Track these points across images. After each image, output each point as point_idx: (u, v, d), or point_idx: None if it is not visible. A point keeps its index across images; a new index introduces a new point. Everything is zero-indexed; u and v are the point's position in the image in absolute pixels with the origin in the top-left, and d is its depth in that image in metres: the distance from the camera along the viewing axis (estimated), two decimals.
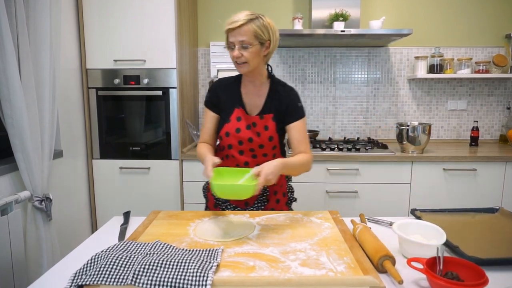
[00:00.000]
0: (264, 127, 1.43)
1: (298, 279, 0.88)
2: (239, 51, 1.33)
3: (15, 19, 1.66)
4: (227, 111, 1.46)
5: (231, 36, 1.33)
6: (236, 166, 1.47)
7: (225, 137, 1.45)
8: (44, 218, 1.84)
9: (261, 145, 1.44)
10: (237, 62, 1.36)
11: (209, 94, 1.52)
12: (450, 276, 0.87)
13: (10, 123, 1.68)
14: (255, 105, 1.46)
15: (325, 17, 2.67)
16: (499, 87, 2.93)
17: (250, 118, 1.44)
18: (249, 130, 1.43)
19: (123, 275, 0.89)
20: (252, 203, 1.52)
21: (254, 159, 1.46)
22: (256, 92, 1.47)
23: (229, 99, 1.47)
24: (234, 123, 1.43)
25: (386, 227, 1.30)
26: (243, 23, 1.31)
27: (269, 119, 1.43)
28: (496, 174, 2.37)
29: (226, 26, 1.33)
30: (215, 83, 1.53)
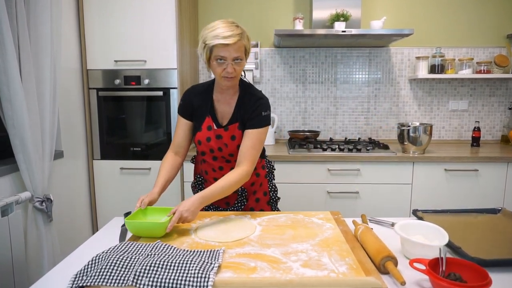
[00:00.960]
0: (231, 137, 1.43)
1: (300, 280, 0.88)
2: (233, 67, 1.31)
3: (15, 20, 1.66)
4: (199, 119, 1.47)
5: (224, 51, 1.27)
6: (212, 170, 1.51)
7: (197, 145, 1.48)
8: (44, 219, 1.84)
9: (231, 154, 1.45)
10: (228, 77, 1.33)
11: (182, 102, 1.50)
12: (453, 277, 0.86)
13: (11, 124, 1.68)
14: (226, 112, 1.46)
15: (326, 17, 2.66)
16: (501, 87, 2.92)
17: (217, 130, 1.43)
18: (219, 140, 1.43)
19: (124, 276, 0.88)
20: (232, 203, 1.55)
21: (228, 164, 1.48)
22: (227, 100, 1.46)
23: (201, 106, 1.46)
24: (204, 132, 1.44)
25: (387, 228, 1.29)
26: (238, 38, 1.28)
27: (235, 129, 1.42)
28: (498, 174, 2.37)
29: (214, 40, 1.26)
30: (188, 90, 1.52)
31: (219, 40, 1.25)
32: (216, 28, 1.27)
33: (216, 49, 1.28)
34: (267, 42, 2.92)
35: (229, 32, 1.26)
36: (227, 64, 1.30)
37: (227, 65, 1.30)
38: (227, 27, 1.27)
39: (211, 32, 1.27)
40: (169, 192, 2.49)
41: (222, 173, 1.46)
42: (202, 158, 1.53)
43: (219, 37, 1.25)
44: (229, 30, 1.26)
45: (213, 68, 1.34)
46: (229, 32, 1.26)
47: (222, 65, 1.31)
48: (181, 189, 2.47)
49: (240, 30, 1.30)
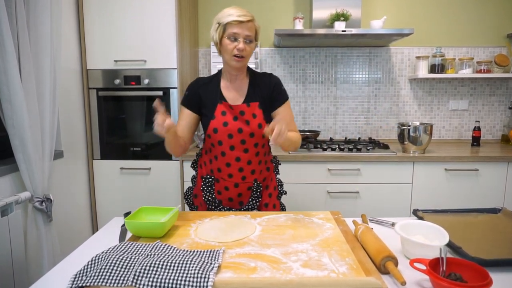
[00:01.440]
0: (252, 115, 1.45)
1: (300, 280, 0.87)
2: (244, 45, 1.37)
3: (15, 20, 1.66)
4: (209, 108, 1.47)
5: (237, 28, 1.35)
6: (226, 164, 1.48)
7: (213, 134, 1.45)
8: (44, 219, 1.84)
9: (252, 134, 1.45)
10: (238, 55, 1.38)
11: (188, 93, 1.51)
12: (454, 277, 0.86)
13: (11, 124, 1.67)
14: (236, 98, 1.48)
15: (326, 17, 2.66)
16: (501, 87, 2.92)
17: (237, 108, 1.44)
18: (237, 121, 1.44)
19: (123, 277, 0.88)
20: (246, 201, 1.53)
21: (246, 154, 1.47)
22: (235, 86, 1.49)
23: (210, 96, 1.48)
24: (220, 118, 1.44)
25: (388, 228, 1.29)
26: (251, 19, 1.38)
27: (255, 107, 1.46)
28: (498, 174, 2.36)
29: (230, 18, 1.35)
30: (193, 82, 1.53)
31: (233, 18, 1.35)
32: (231, 9, 1.38)
33: (229, 26, 1.36)
34: (267, 41, 2.92)
35: (243, 12, 1.37)
36: (239, 41, 1.36)
37: (239, 42, 1.36)
38: (241, 9, 1.38)
39: (225, 13, 1.37)
40: (169, 192, 2.50)
41: (239, 165, 1.47)
42: (215, 153, 1.48)
43: (233, 15, 1.35)
44: (243, 11, 1.37)
45: (224, 47, 1.39)
46: (243, 12, 1.37)
47: (234, 42, 1.37)
48: (181, 189, 2.47)
49: (252, 14, 1.40)
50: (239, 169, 1.48)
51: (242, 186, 1.50)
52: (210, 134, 1.46)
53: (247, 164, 1.48)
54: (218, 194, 1.54)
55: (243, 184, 1.50)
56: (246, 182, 1.51)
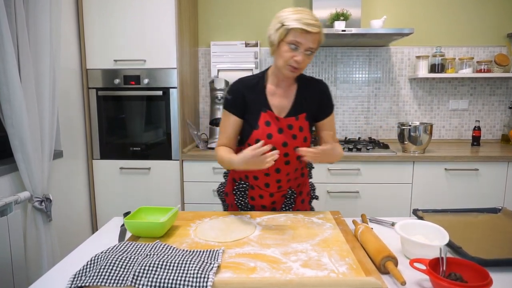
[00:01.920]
0: (299, 128, 1.35)
1: (300, 280, 0.87)
2: (304, 57, 1.24)
3: (14, 19, 1.65)
4: (253, 116, 1.34)
5: (302, 37, 1.21)
6: (265, 174, 1.38)
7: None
8: (44, 219, 1.84)
9: (296, 147, 1.32)
10: (295, 66, 1.25)
11: (232, 97, 1.36)
12: (454, 277, 0.86)
13: (10, 124, 1.67)
14: (282, 106, 1.36)
15: (326, 17, 2.66)
16: (501, 87, 2.91)
17: (284, 121, 1.33)
18: (282, 134, 1.33)
19: (123, 276, 0.88)
20: (279, 208, 1.47)
21: (287, 165, 1.37)
22: (283, 93, 1.37)
23: (255, 101, 1.34)
24: (263, 129, 1.32)
25: (388, 228, 1.29)
26: (318, 31, 1.23)
27: (303, 119, 1.35)
28: (498, 174, 2.36)
29: (297, 24, 1.19)
30: (238, 84, 1.38)
31: (301, 25, 1.19)
32: (299, 12, 1.22)
33: (293, 32, 1.21)
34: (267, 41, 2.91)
35: (312, 21, 1.21)
36: (300, 52, 1.23)
37: (299, 53, 1.23)
38: (311, 16, 1.22)
39: (293, 15, 1.22)
40: (168, 192, 2.49)
41: (278, 176, 1.38)
42: None
43: (302, 22, 1.20)
44: (312, 19, 1.21)
45: (281, 53, 1.26)
46: (312, 21, 1.21)
47: (293, 51, 1.24)
48: (181, 189, 2.47)
49: (321, 24, 1.25)
50: (277, 180, 1.40)
51: (277, 195, 1.44)
52: (250, 144, 1.30)
53: (285, 175, 1.40)
54: (252, 200, 1.46)
55: (277, 193, 1.43)
56: (281, 190, 1.43)
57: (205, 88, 2.98)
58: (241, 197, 1.47)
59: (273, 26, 1.27)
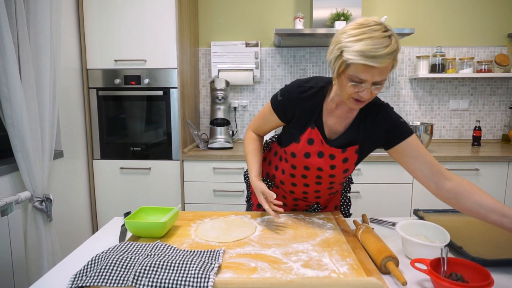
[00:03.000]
0: (343, 159, 1.18)
1: (301, 280, 0.87)
2: (370, 92, 1.01)
3: (15, 19, 1.65)
4: (298, 126, 1.20)
5: (365, 74, 0.97)
6: (292, 184, 1.30)
7: (290, 157, 1.23)
8: (44, 219, 1.84)
9: (332, 175, 1.21)
10: (360, 100, 1.04)
11: (283, 100, 1.20)
12: (455, 277, 0.86)
13: (10, 123, 1.67)
14: (337, 128, 1.18)
15: (327, 17, 2.66)
16: (501, 87, 2.91)
17: (328, 149, 1.17)
18: (321, 158, 1.18)
19: (123, 277, 0.88)
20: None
21: (317, 186, 1.26)
22: (342, 114, 1.16)
23: (305, 113, 1.18)
24: (304, 146, 1.18)
25: (388, 228, 1.29)
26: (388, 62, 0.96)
27: (352, 152, 1.17)
28: (499, 174, 2.36)
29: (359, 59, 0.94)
30: (294, 90, 1.18)
31: (364, 61, 0.94)
32: (364, 39, 0.94)
33: (354, 67, 0.97)
34: (268, 41, 2.92)
35: (381, 50, 0.93)
36: (365, 87, 1.00)
37: (364, 88, 1.00)
38: (380, 40, 0.94)
39: (355, 43, 0.95)
40: (169, 192, 2.49)
41: (305, 189, 1.28)
42: (283, 166, 1.29)
43: (366, 56, 0.94)
44: (381, 47, 0.93)
45: (342, 85, 1.04)
46: (381, 50, 0.93)
47: (356, 87, 1.00)
48: (182, 189, 2.47)
49: (395, 46, 0.97)
50: (303, 192, 1.31)
51: (301, 203, 1.38)
52: (286, 151, 1.24)
53: (313, 192, 1.30)
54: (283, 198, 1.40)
55: (302, 201, 1.37)
56: (307, 201, 1.37)
57: (205, 88, 2.98)
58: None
59: (332, 51, 1.03)
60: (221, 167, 2.42)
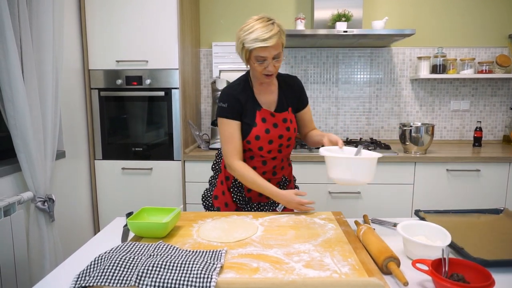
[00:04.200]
0: (290, 120, 1.50)
1: (303, 280, 0.87)
2: (273, 65, 1.36)
3: (18, 20, 1.66)
4: (249, 116, 1.45)
5: (264, 52, 1.32)
6: (262, 162, 1.51)
7: (254, 141, 1.45)
8: (46, 219, 1.84)
9: (289, 138, 1.50)
10: (268, 74, 1.38)
11: (229, 104, 1.43)
12: (456, 278, 0.86)
13: (13, 124, 1.68)
14: (269, 102, 1.50)
15: (328, 18, 2.66)
16: (502, 87, 2.91)
17: (279, 116, 1.47)
18: (277, 128, 1.46)
19: (126, 277, 0.88)
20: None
21: (280, 154, 1.52)
22: (268, 89, 1.50)
23: (247, 103, 1.45)
24: (261, 126, 1.44)
25: (389, 228, 1.29)
26: (276, 39, 1.31)
27: (291, 112, 1.52)
28: (500, 174, 2.36)
29: (254, 44, 1.30)
30: (228, 91, 1.47)
31: (259, 44, 1.29)
32: (254, 30, 1.29)
33: (255, 51, 1.32)
34: None
35: (267, 34, 1.29)
36: (268, 63, 1.34)
37: (268, 64, 1.34)
38: (265, 28, 1.29)
39: (249, 35, 1.30)
40: (170, 192, 2.50)
41: (274, 163, 1.52)
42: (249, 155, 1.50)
43: (258, 40, 1.29)
44: (267, 31, 1.29)
45: (253, 67, 1.39)
46: (267, 34, 1.29)
47: (262, 64, 1.35)
48: (183, 189, 2.47)
49: (277, 29, 1.31)
50: (273, 167, 1.53)
51: (272, 182, 1.52)
52: (250, 141, 1.45)
53: (280, 162, 1.54)
54: (248, 192, 1.54)
55: (273, 179, 1.54)
56: (276, 177, 1.56)
57: (206, 88, 2.99)
58: (239, 192, 1.55)
59: (237, 46, 1.38)
60: None
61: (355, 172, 1.19)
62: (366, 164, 1.21)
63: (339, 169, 1.21)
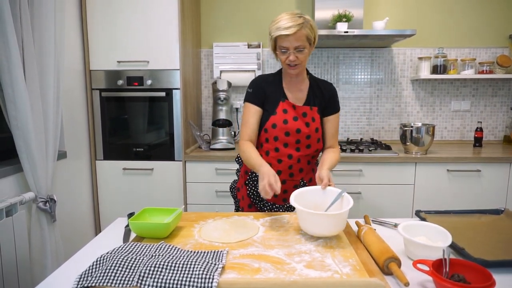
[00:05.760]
0: (312, 118, 1.50)
1: (304, 281, 0.88)
2: (295, 55, 1.39)
3: (19, 21, 1.66)
4: (271, 105, 1.49)
5: (286, 41, 1.37)
6: (277, 161, 1.50)
7: (271, 129, 1.48)
8: (48, 219, 1.85)
9: (308, 136, 1.48)
10: (291, 64, 1.42)
11: (253, 90, 1.52)
12: (457, 278, 0.87)
13: (15, 125, 1.68)
14: (297, 98, 1.52)
15: (328, 18, 2.66)
16: (503, 88, 2.91)
17: (300, 109, 1.48)
18: (296, 121, 1.47)
19: (128, 277, 0.89)
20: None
21: (298, 152, 1.50)
22: (297, 86, 1.53)
23: (273, 93, 1.50)
24: (280, 115, 1.47)
25: (390, 229, 1.29)
26: (298, 29, 1.35)
27: (315, 111, 1.51)
28: (501, 175, 2.36)
29: (276, 32, 1.37)
30: (258, 79, 1.55)
31: (280, 32, 1.36)
32: (279, 21, 1.38)
33: (279, 40, 1.39)
34: None
35: (290, 23, 1.35)
36: (289, 53, 1.39)
37: (289, 54, 1.39)
38: (290, 18, 1.36)
39: (275, 25, 1.39)
40: (172, 193, 2.50)
41: (290, 162, 1.50)
42: (269, 147, 1.50)
43: (281, 29, 1.36)
44: (290, 21, 1.35)
45: (279, 58, 1.45)
46: (290, 23, 1.35)
47: (285, 54, 1.41)
48: (184, 190, 2.48)
49: (302, 20, 1.37)
50: (289, 166, 1.51)
51: (288, 184, 1.52)
52: (267, 129, 1.48)
53: (297, 162, 1.52)
54: None
55: (290, 181, 1.53)
56: (293, 180, 1.53)
57: (207, 89, 2.99)
58: (254, 186, 1.56)
59: (268, 37, 1.45)
60: (224, 168, 2.43)
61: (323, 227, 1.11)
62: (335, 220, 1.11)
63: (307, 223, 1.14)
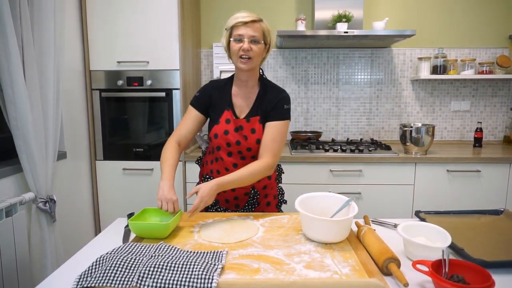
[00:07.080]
0: (251, 130, 1.43)
1: (303, 281, 0.88)
2: (249, 45, 1.36)
3: (19, 21, 1.66)
4: (216, 112, 1.47)
5: (242, 29, 1.36)
6: (225, 169, 1.48)
7: (214, 139, 1.46)
8: (48, 220, 1.85)
9: (249, 148, 1.44)
10: (243, 56, 1.37)
11: (199, 94, 1.51)
12: (456, 279, 0.87)
13: (15, 125, 1.68)
14: (244, 106, 1.47)
15: (328, 18, 2.66)
16: (503, 88, 2.92)
17: (238, 121, 1.44)
18: (237, 133, 1.43)
19: (128, 277, 0.89)
20: (242, 205, 1.53)
21: (243, 161, 1.46)
22: (246, 94, 1.47)
23: (220, 100, 1.47)
24: (222, 125, 1.44)
25: (390, 229, 1.29)
26: (256, 19, 1.38)
27: (255, 122, 1.44)
28: (500, 175, 2.36)
29: (235, 20, 1.37)
30: (208, 84, 1.53)
31: (238, 19, 1.37)
32: (237, 13, 1.41)
33: (235, 28, 1.38)
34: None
35: (248, 14, 1.38)
36: (244, 41, 1.36)
37: (244, 42, 1.36)
38: (248, 12, 1.40)
39: (231, 17, 1.40)
40: None
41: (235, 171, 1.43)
42: (214, 156, 1.51)
43: (239, 18, 1.37)
44: (248, 13, 1.39)
45: (231, 50, 1.40)
46: (248, 14, 1.38)
47: (239, 43, 1.37)
48: (184, 190, 2.48)
49: (260, 17, 1.42)
50: None
51: (238, 191, 1.48)
52: (211, 138, 1.48)
53: None
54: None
55: (240, 189, 1.47)
56: (243, 188, 1.47)
57: None
58: None
59: (223, 35, 1.44)
60: None
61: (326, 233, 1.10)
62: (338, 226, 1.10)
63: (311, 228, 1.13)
